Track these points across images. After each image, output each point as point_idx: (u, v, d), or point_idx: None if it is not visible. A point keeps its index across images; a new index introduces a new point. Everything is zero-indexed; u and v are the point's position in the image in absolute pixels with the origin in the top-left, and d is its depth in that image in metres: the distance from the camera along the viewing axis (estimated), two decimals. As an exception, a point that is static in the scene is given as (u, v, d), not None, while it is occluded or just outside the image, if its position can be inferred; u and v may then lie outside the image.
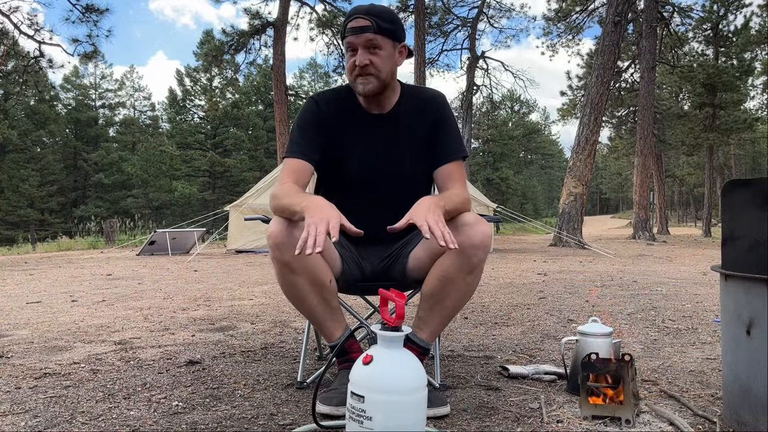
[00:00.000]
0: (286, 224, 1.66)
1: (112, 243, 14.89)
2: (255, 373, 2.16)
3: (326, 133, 1.87)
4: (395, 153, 1.90)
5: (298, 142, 1.85)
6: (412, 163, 1.91)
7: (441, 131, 1.90)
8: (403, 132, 1.91)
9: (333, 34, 22.68)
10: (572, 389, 1.86)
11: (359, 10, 1.77)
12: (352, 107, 1.90)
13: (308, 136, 1.86)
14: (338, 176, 1.93)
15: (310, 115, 1.88)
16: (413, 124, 1.91)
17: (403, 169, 1.91)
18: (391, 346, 1.33)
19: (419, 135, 1.91)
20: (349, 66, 1.80)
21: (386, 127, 1.90)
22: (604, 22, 14.90)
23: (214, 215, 14.22)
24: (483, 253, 1.69)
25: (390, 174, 1.90)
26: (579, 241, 12.91)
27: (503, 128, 46.81)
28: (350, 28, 1.76)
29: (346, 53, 1.80)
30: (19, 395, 1.88)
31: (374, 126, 1.90)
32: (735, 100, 25.56)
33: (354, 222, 1.74)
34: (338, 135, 1.88)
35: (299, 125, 1.89)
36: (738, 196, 1.51)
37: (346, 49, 1.79)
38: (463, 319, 3.43)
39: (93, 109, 46.28)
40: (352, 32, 1.76)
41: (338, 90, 1.94)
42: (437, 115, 1.91)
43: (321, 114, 1.88)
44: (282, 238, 1.65)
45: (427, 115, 1.92)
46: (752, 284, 1.43)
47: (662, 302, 4.11)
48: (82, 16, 16.40)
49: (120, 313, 3.75)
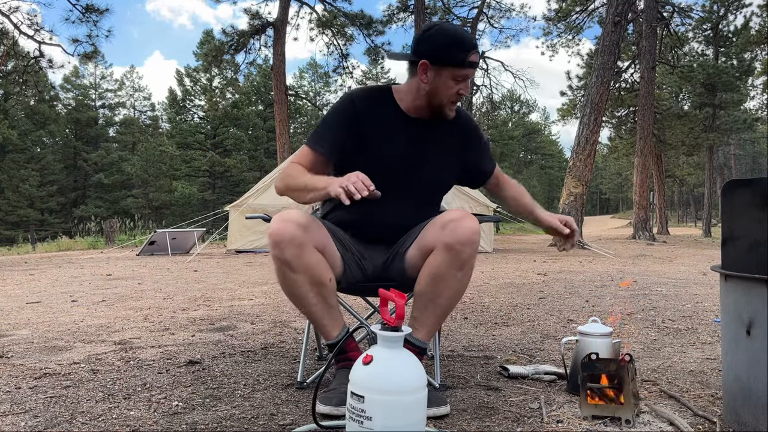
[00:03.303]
0: (286, 223, 1.67)
1: (112, 243, 14.88)
2: (255, 373, 2.16)
3: (356, 129, 1.88)
4: (426, 158, 1.93)
5: (323, 135, 1.89)
6: (438, 172, 1.95)
7: (483, 148, 2.06)
8: (439, 140, 1.95)
9: (333, 34, 22.69)
10: (572, 389, 1.86)
11: (475, 44, 1.82)
12: (391, 107, 1.93)
13: (334, 133, 1.88)
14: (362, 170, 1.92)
15: (342, 113, 1.90)
16: (452, 138, 1.98)
17: (428, 175, 1.93)
18: (391, 347, 1.33)
19: (453, 148, 1.97)
20: (452, 93, 1.83)
21: (425, 132, 1.93)
22: (604, 22, 14.90)
23: (214, 215, 14.22)
24: (471, 249, 1.71)
25: (413, 177, 1.92)
26: (579, 241, 12.90)
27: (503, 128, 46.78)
28: (472, 63, 1.80)
29: (451, 78, 1.80)
30: (19, 395, 1.88)
31: (412, 128, 1.92)
32: (735, 100, 25.56)
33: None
34: (370, 131, 1.89)
35: (328, 120, 1.92)
36: (738, 196, 1.51)
37: (456, 77, 1.80)
38: (463, 319, 3.43)
39: (93, 109, 46.26)
40: (474, 67, 1.83)
41: (380, 89, 1.98)
42: (474, 134, 2.04)
43: (355, 111, 1.89)
44: (281, 237, 1.66)
45: (464, 136, 2.00)
46: (752, 284, 1.43)
47: (662, 302, 4.11)
48: (82, 16, 16.39)
49: (120, 313, 3.75)
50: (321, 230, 1.79)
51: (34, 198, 36.99)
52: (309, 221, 1.74)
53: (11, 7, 15.70)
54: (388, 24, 22.82)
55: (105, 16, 16.53)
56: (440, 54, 1.78)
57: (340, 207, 1.96)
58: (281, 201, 10.26)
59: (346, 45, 23.11)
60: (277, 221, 1.69)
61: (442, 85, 1.81)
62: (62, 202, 40.16)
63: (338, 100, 1.97)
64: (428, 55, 1.79)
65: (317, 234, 1.76)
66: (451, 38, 1.78)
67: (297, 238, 1.67)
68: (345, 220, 1.93)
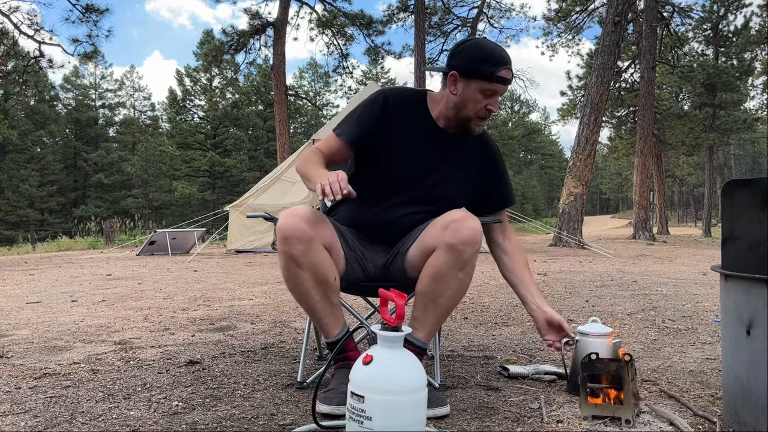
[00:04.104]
0: (296, 219, 1.68)
1: (112, 243, 14.87)
2: (255, 373, 2.16)
3: (379, 128, 1.89)
4: (442, 170, 1.92)
5: (349, 125, 1.91)
6: (451, 186, 1.94)
7: (503, 177, 2.04)
8: (466, 158, 1.96)
9: (333, 34, 22.69)
10: (572, 389, 1.86)
11: (508, 60, 1.80)
12: (422, 113, 1.93)
13: (359, 127, 1.90)
14: (379, 168, 1.93)
15: (370, 110, 1.91)
16: (476, 158, 1.97)
17: (440, 187, 1.93)
18: (391, 346, 1.33)
19: (471, 166, 1.97)
20: (479, 107, 1.82)
21: (448, 145, 1.93)
22: (604, 22, 14.90)
23: (214, 215, 14.22)
24: (473, 249, 1.70)
25: (425, 186, 1.91)
26: (579, 241, 12.91)
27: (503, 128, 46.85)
28: (503, 78, 1.79)
29: (479, 92, 1.80)
30: (19, 395, 1.88)
31: (436, 138, 1.92)
32: (735, 100, 25.57)
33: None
34: (395, 133, 1.90)
35: (357, 112, 1.93)
36: (738, 196, 1.51)
37: (484, 91, 1.79)
38: (463, 319, 3.43)
39: (93, 109, 46.29)
40: (504, 83, 1.80)
41: (415, 93, 1.98)
42: (495, 159, 2.02)
43: (383, 110, 1.90)
44: (291, 232, 1.66)
45: (488, 159, 2.00)
46: (752, 284, 1.43)
47: (662, 302, 4.11)
48: (82, 16, 16.41)
49: (120, 313, 3.75)
50: (329, 228, 1.80)
51: (34, 198, 37.00)
52: (318, 218, 1.75)
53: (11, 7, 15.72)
54: (388, 24, 22.83)
55: (105, 16, 16.57)
56: (470, 66, 1.79)
57: (344, 205, 1.97)
58: (281, 201, 10.29)
59: (346, 45, 23.14)
60: (286, 216, 1.69)
61: (469, 98, 1.81)
62: (62, 202, 40.18)
63: (372, 95, 1.97)
64: (458, 66, 1.81)
65: (325, 231, 1.76)
66: (483, 52, 1.80)
67: (306, 234, 1.67)
68: (349, 218, 1.93)
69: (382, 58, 24.78)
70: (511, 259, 2.00)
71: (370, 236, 1.93)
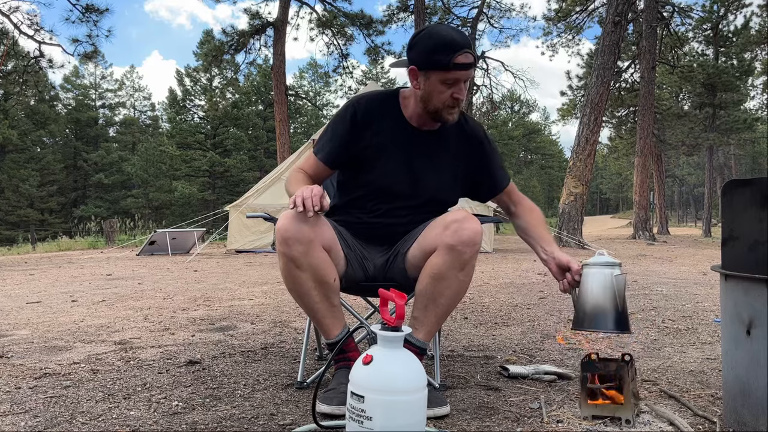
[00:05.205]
0: (295, 220, 1.67)
1: (112, 243, 14.87)
2: (255, 373, 2.16)
3: (355, 141, 1.87)
4: (430, 172, 1.91)
5: (324, 143, 1.91)
6: (443, 185, 1.93)
7: (492, 162, 1.99)
8: (447, 152, 1.93)
9: (333, 34, 22.69)
10: (575, 326, 1.69)
11: (467, 44, 1.71)
12: (395, 117, 1.90)
13: (333, 143, 1.89)
14: (364, 175, 1.91)
15: (341, 125, 1.89)
16: (459, 149, 1.94)
17: (432, 189, 1.91)
18: (391, 346, 1.33)
19: (461, 161, 1.94)
20: (445, 97, 1.76)
21: (432, 143, 1.91)
22: (604, 22, 14.89)
23: (214, 215, 14.22)
24: (473, 250, 1.70)
25: (417, 191, 1.90)
26: (579, 241, 12.91)
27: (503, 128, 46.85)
28: (461, 64, 1.70)
29: (440, 83, 1.73)
30: (19, 395, 1.88)
31: (418, 138, 1.90)
32: (735, 100, 25.60)
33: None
34: (370, 140, 1.88)
35: (333, 131, 1.91)
36: (738, 196, 1.51)
37: (445, 81, 1.73)
38: (463, 319, 3.43)
39: (93, 109, 46.30)
40: (463, 68, 1.72)
41: (385, 96, 1.94)
42: (483, 144, 1.97)
43: (355, 119, 1.87)
44: (290, 233, 1.66)
45: (473, 147, 1.95)
46: (752, 284, 1.43)
47: (662, 302, 4.11)
48: (82, 16, 16.41)
49: (120, 313, 3.75)
50: (328, 229, 1.79)
51: (34, 198, 37.00)
52: (317, 219, 1.74)
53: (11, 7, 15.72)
54: (388, 24, 22.84)
55: (105, 15, 16.58)
56: (425, 58, 1.73)
57: (341, 210, 1.97)
58: (281, 201, 10.28)
59: (346, 45, 23.14)
60: (285, 217, 1.68)
61: (433, 90, 1.76)
62: (62, 202, 40.18)
63: (341, 108, 1.95)
64: (415, 60, 1.76)
65: (325, 232, 1.76)
66: (436, 40, 1.71)
67: (305, 235, 1.67)
68: (347, 222, 1.93)
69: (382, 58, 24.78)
70: (521, 219, 2.01)
71: (368, 239, 1.94)
